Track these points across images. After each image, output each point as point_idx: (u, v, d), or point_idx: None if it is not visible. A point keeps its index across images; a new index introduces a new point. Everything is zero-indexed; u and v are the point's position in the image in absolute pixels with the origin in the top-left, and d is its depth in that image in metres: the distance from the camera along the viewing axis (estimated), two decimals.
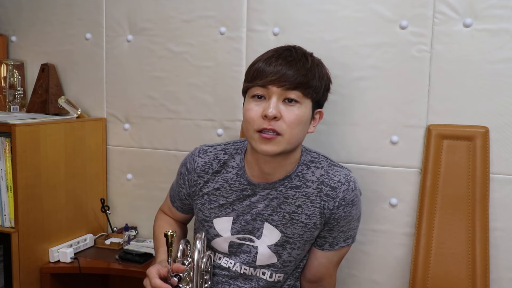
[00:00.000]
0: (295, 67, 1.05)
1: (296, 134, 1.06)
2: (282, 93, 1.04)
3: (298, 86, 1.04)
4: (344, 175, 1.14)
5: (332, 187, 1.13)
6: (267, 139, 1.04)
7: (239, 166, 1.19)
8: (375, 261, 1.50)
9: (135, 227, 1.78)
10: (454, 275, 1.35)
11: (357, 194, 1.16)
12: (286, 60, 1.05)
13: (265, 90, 1.05)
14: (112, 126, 1.82)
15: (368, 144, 1.47)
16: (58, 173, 1.62)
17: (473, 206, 1.34)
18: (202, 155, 1.22)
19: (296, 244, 1.16)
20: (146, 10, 1.71)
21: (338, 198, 1.12)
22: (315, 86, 1.07)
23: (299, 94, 1.05)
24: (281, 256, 1.17)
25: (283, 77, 1.03)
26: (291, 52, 1.08)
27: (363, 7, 1.44)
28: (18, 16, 1.90)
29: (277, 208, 1.15)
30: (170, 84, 1.70)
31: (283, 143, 1.05)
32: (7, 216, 1.50)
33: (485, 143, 1.34)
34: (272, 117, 1.03)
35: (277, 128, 1.04)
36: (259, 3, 1.55)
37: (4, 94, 1.87)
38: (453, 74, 1.37)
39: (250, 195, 1.17)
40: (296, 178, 1.15)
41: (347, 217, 1.15)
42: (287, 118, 1.04)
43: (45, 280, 1.56)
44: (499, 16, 1.32)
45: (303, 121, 1.07)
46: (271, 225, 1.16)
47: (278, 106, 1.04)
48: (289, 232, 1.15)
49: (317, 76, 1.08)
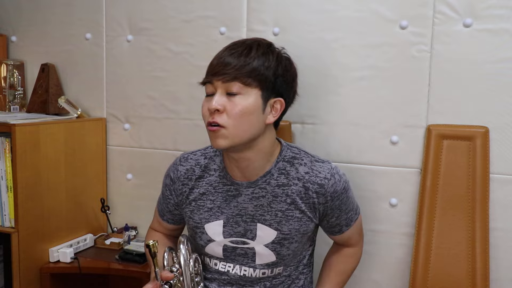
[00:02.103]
0: (238, 58, 1.05)
1: (241, 126, 1.05)
2: (224, 86, 1.05)
3: (236, 77, 1.04)
4: (328, 169, 1.15)
5: (320, 184, 1.14)
6: (213, 131, 1.06)
7: (220, 168, 1.19)
8: (375, 261, 1.50)
9: (135, 227, 1.78)
10: (454, 275, 1.35)
11: (345, 180, 1.18)
12: (229, 53, 1.07)
13: (212, 86, 1.07)
14: (112, 126, 1.82)
15: (368, 144, 1.47)
16: (58, 173, 1.62)
17: (473, 206, 1.34)
18: (184, 162, 1.23)
19: (294, 239, 1.17)
20: (146, 10, 1.71)
21: (329, 192, 1.14)
22: (258, 75, 1.05)
23: (240, 85, 1.04)
24: (280, 253, 1.17)
25: (222, 70, 1.05)
26: (238, 45, 1.09)
27: (363, 7, 1.44)
28: (18, 16, 1.90)
29: (268, 208, 1.16)
30: (170, 84, 1.70)
31: (228, 136, 1.05)
32: (7, 216, 1.50)
33: (485, 143, 1.34)
34: (214, 110, 1.05)
35: (219, 120, 1.04)
36: (259, 3, 1.55)
37: (4, 94, 1.87)
38: (453, 74, 1.37)
39: (235, 195, 1.17)
40: (281, 176, 1.15)
41: (344, 202, 1.19)
42: (230, 110, 1.04)
43: (45, 280, 1.56)
44: (499, 16, 1.32)
45: (247, 112, 1.05)
46: (264, 225, 1.16)
47: (221, 100, 1.05)
48: (285, 229, 1.16)
49: (261, 64, 1.05)
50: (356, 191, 1.48)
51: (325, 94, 1.49)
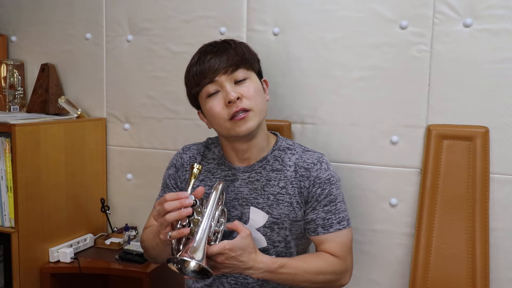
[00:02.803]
0: (225, 52, 1.13)
1: (260, 104, 1.14)
2: (230, 77, 1.12)
3: (239, 64, 1.12)
4: (317, 157, 1.21)
5: (306, 168, 1.19)
6: (242, 119, 1.11)
7: (218, 156, 1.25)
8: (375, 261, 1.50)
9: (135, 227, 1.78)
10: (454, 275, 1.35)
11: (333, 175, 1.20)
12: (214, 53, 1.13)
13: (216, 84, 1.12)
14: (112, 126, 1.82)
15: (368, 144, 1.47)
16: (58, 173, 1.62)
17: (473, 206, 1.34)
18: (187, 151, 1.30)
19: (283, 224, 1.18)
20: (146, 10, 1.71)
21: (313, 176, 1.18)
22: (250, 59, 1.16)
23: (244, 70, 1.14)
24: (270, 238, 1.19)
25: (222, 64, 1.11)
26: (212, 45, 1.16)
27: (363, 7, 1.44)
28: (18, 16, 1.90)
29: (261, 191, 1.19)
30: (170, 84, 1.70)
31: (255, 116, 1.12)
32: (7, 216, 1.50)
33: (485, 143, 1.34)
34: (236, 99, 1.10)
35: (245, 105, 1.11)
36: (259, 3, 1.55)
37: (4, 94, 1.87)
38: (453, 74, 1.37)
39: (233, 180, 1.22)
40: (275, 162, 1.21)
41: (328, 195, 1.18)
42: (247, 93, 1.12)
43: (45, 280, 1.56)
44: (499, 16, 1.32)
45: (259, 90, 1.16)
46: (257, 208, 1.19)
47: (235, 89, 1.12)
48: (276, 213, 1.18)
49: (246, 51, 1.16)
50: (356, 191, 1.49)
51: (325, 94, 1.49)
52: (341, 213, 1.20)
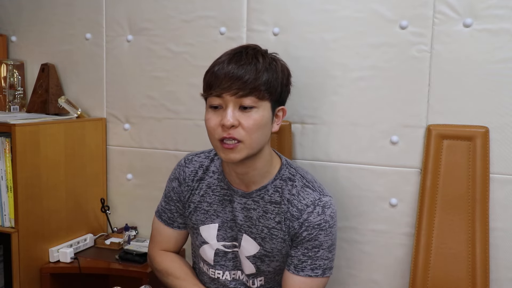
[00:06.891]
0: (247, 71, 1.02)
1: (257, 139, 1.05)
2: (237, 101, 1.03)
3: (251, 91, 1.02)
4: (313, 199, 1.12)
5: (298, 209, 1.12)
6: (229, 148, 1.04)
7: (219, 171, 1.20)
8: (375, 261, 1.49)
9: (135, 227, 1.78)
10: (454, 275, 1.35)
11: (326, 220, 1.11)
12: (237, 65, 1.03)
13: (221, 99, 1.04)
14: (112, 126, 1.81)
15: (368, 144, 1.47)
16: (58, 173, 1.62)
17: (473, 206, 1.34)
18: (189, 164, 1.24)
19: (275, 258, 1.17)
20: (146, 10, 1.71)
21: (303, 219, 1.11)
22: (270, 87, 1.05)
23: (254, 99, 1.03)
24: (260, 268, 1.18)
25: (234, 85, 1.01)
26: (242, 55, 1.06)
27: (363, 7, 1.44)
28: (18, 16, 1.90)
29: (256, 222, 1.16)
30: (170, 84, 1.70)
31: (244, 149, 1.05)
32: (7, 216, 1.50)
33: (485, 143, 1.34)
34: (230, 126, 1.02)
35: (236, 135, 1.03)
36: (259, 3, 1.55)
37: (4, 94, 1.87)
38: (453, 74, 1.37)
39: (231, 201, 1.18)
40: (275, 194, 1.15)
41: (313, 240, 1.11)
42: (246, 124, 1.03)
43: (45, 280, 1.56)
44: (499, 16, 1.32)
45: (262, 124, 1.05)
46: (249, 237, 1.16)
47: (235, 114, 1.03)
48: (268, 247, 1.15)
49: (271, 76, 1.05)
50: (356, 191, 1.49)
51: (325, 94, 1.49)
52: (319, 261, 1.12)
